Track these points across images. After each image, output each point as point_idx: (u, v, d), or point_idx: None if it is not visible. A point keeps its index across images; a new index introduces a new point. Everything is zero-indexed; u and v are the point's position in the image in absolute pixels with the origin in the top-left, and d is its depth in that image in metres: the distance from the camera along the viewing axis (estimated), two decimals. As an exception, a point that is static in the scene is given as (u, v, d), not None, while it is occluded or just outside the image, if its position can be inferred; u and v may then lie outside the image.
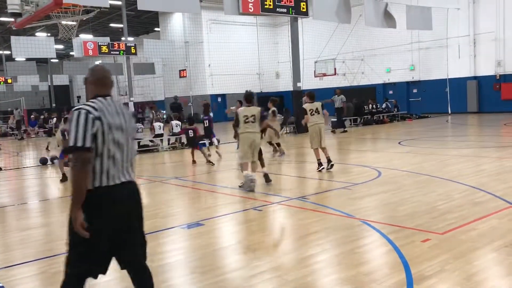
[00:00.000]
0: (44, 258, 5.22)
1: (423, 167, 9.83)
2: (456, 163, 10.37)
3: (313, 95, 10.46)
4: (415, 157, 11.59)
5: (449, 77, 26.35)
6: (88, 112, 2.97)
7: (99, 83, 3.18)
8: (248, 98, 8.90)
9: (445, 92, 26.80)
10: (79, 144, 2.90)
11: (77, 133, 2.92)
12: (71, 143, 2.93)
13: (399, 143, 14.79)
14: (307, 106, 10.30)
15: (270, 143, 13.22)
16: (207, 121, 13.72)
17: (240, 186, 8.58)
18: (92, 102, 3.07)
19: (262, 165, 9.04)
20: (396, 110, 26.00)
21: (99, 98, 3.10)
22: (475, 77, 26.55)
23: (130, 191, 3.18)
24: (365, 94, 28.75)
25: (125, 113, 3.18)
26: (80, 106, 3.01)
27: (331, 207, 6.83)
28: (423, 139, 15.88)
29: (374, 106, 24.71)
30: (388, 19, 21.42)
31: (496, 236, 5.05)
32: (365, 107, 24.39)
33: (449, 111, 26.55)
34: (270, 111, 13.12)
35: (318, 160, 10.07)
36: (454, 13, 25.94)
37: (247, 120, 8.56)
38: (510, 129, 17.93)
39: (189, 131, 12.64)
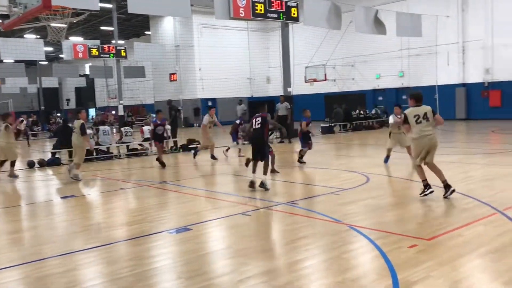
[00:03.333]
0: (30, 262, 5.17)
1: (412, 174, 9.87)
2: (444, 169, 10.29)
3: (418, 96, 7.62)
4: (404, 163, 11.64)
5: (438, 84, 26.57)
6: None
7: None
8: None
9: (434, 98, 27.01)
10: None
11: None
12: None
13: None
14: (410, 111, 7.54)
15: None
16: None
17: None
18: None
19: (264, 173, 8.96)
20: (385, 116, 26.16)
21: None
22: (463, 84, 26.86)
23: None
24: (355, 100, 28.91)
25: None
26: None
27: (319, 212, 6.84)
28: (411, 145, 15.92)
29: (362, 112, 24.86)
30: (378, 25, 21.58)
31: (482, 242, 5.09)
32: (353, 112, 24.54)
33: (438, 118, 26.74)
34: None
35: (424, 181, 7.49)
36: (444, 20, 26.24)
37: (74, 131, 11.30)
38: (497, 136, 18.11)
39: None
